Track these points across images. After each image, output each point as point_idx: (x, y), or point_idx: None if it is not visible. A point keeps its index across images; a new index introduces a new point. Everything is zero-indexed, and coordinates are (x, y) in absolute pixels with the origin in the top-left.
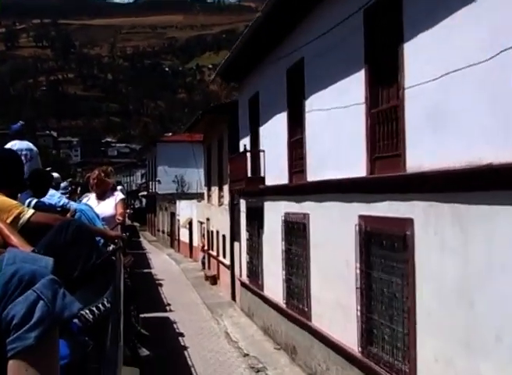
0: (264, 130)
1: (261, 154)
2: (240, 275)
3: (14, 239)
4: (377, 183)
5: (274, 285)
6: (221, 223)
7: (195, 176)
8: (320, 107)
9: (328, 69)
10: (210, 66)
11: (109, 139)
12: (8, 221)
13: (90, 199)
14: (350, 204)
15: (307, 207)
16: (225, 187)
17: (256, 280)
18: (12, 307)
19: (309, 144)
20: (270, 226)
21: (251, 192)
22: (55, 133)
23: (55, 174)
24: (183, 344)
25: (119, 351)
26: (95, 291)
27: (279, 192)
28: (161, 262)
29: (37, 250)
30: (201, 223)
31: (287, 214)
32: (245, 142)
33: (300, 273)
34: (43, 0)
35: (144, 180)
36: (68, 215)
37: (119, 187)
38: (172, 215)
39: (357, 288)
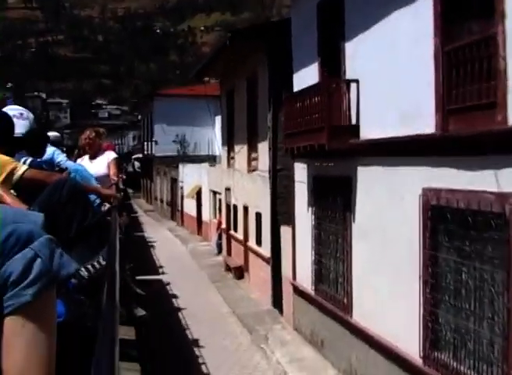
0: (356, 47)
1: (353, 86)
2: (294, 277)
3: (8, 198)
4: None
5: (387, 316)
6: (252, 195)
7: (201, 136)
8: None
9: None
10: (202, 28)
11: (100, 101)
12: (2, 177)
13: (84, 160)
14: None
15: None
16: (262, 146)
17: (334, 295)
18: (9, 264)
19: None
20: (375, 210)
21: (321, 153)
22: (43, 95)
23: (56, 133)
24: None
25: (115, 308)
26: (91, 250)
27: (409, 151)
28: (163, 240)
29: (33, 209)
30: (216, 193)
31: (435, 192)
32: (305, 75)
33: (482, 315)
34: None
35: (136, 142)
36: (63, 174)
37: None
38: (174, 181)
39: None
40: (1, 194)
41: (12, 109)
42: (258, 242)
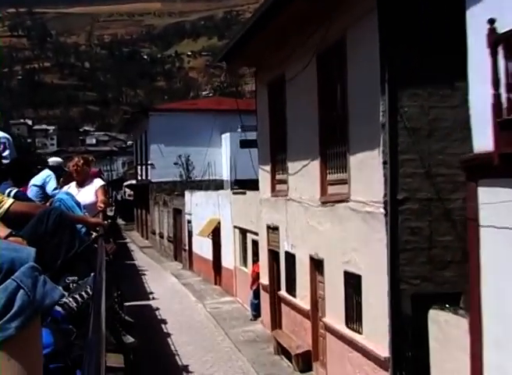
0: None
1: None
2: None
3: None
4: None
5: None
6: (335, 242)
7: (209, 158)
8: None
9: None
10: (189, 53)
11: (87, 128)
12: None
13: (71, 187)
14: None
15: None
16: (358, 160)
17: None
18: None
19: None
20: None
21: None
22: (29, 122)
23: (58, 159)
24: None
25: (101, 337)
26: (78, 279)
27: None
28: (169, 293)
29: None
30: (246, 231)
31: None
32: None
33: None
34: None
35: (126, 168)
36: (47, 204)
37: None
38: (177, 212)
39: None
40: None
41: None
42: (352, 323)
